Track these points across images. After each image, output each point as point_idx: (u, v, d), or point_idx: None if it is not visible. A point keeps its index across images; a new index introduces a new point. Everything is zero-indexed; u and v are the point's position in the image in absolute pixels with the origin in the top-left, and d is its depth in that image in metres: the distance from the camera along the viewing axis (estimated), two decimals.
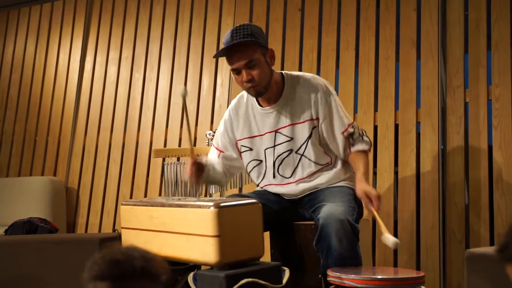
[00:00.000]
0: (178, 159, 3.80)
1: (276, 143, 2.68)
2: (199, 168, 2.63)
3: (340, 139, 2.65)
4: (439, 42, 3.66)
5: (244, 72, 2.53)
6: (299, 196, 2.70)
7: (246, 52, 2.51)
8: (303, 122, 2.65)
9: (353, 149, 2.65)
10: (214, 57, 2.68)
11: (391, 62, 3.80)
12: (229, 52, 2.54)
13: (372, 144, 2.75)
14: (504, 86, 3.43)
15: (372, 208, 2.39)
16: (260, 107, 2.72)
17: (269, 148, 2.71)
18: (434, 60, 3.65)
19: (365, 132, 2.71)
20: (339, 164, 2.70)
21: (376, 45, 3.88)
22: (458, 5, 3.65)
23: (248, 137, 2.76)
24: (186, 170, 2.63)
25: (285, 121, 2.67)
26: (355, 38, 3.96)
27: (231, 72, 2.61)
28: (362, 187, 2.48)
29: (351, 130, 2.66)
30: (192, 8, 4.70)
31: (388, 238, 2.18)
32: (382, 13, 3.89)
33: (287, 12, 4.25)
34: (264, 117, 2.71)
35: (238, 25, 2.54)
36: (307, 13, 4.17)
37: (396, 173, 3.67)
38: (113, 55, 5.00)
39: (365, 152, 2.66)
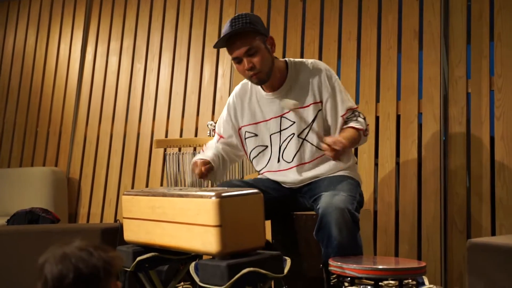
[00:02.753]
0: (180, 150, 3.80)
1: (282, 128, 2.70)
2: (209, 168, 2.65)
3: (339, 122, 2.66)
4: (441, 32, 3.64)
5: (245, 60, 2.55)
6: (299, 185, 2.70)
7: (246, 40, 2.53)
8: (308, 106, 2.66)
9: (344, 126, 2.66)
10: (214, 47, 2.68)
11: (393, 52, 3.79)
12: (229, 41, 2.55)
13: (368, 129, 2.70)
14: (507, 77, 3.42)
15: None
16: (265, 93, 2.73)
17: (274, 133, 2.72)
18: (436, 50, 3.64)
19: (365, 118, 2.70)
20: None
21: (378, 36, 3.87)
22: None
23: (253, 123, 2.77)
24: (193, 168, 2.65)
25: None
26: (357, 29, 3.94)
27: (232, 61, 2.62)
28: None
29: (350, 114, 2.68)
30: None
31: None
32: (384, 3, 3.88)
33: (289, 2, 4.24)
34: (268, 102, 2.73)
35: (236, 14, 2.55)
36: (308, 3, 4.15)
37: (397, 163, 3.67)
38: (114, 45, 5.00)
39: (355, 129, 2.63)
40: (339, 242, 2.28)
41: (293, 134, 2.67)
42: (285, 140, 2.70)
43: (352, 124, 2.64)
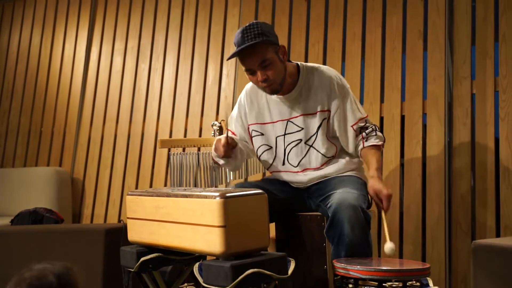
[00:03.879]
0: (184, 150, 3.80)
1: (286, 132, 2.70)
2: (232, 143, 2.62)
3: (350, 133, 2.66)
4: (446, 33, 3.63)
5: (259, 73, 2.54)
6: (307, 185, 2.70)
7: (259, 52, 2.52)
8: (315, 113, 2.66)
9: (366, 143, 2.65)
10: (228, 59, 2.67)
11: (397, 53, 3.78)
12: (242, 53, 2.53)
13: (385, 139, 2.74)
14: (511, 78, 3.41)
15: (382, 209, 2.40)
16: (275, 95, 2.73)
17: (280, 136, 2.73)
18: (441, 51, 3.63)
19: (378, 128, 2.71)
20: (346, 156, 2.70)
21: (383, 36, 3.86)
22: None
23: (260, 123, 2.78)
24: (217, 145, 2.61)
25: (297, 111, 2.69)
26: (362, 29, 3.94)
27: (245, 72, 2.61)
28: (374, 184, 2.47)
29: (361, 124, 2.67)
30: None
31: (387, 247, 2.25)
32: (389, 4, 3.87)
33: (293, 2, 4.23)
34: (277, 105, 2.73)
35: (247, 24, 2.54)
36: (313, 3, 4.15)
37: (402, 164, 3.66)
38: (119, 45, 5.00)
39: (378, 147, 2.66)
40: (350, 240, 2.27)
41: (300, 140, 2.67)
42: (289, 144, 2.70)
43: (373, 141, 2.65)
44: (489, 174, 3.38)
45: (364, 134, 2.66)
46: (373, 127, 2.68)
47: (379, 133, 2.68)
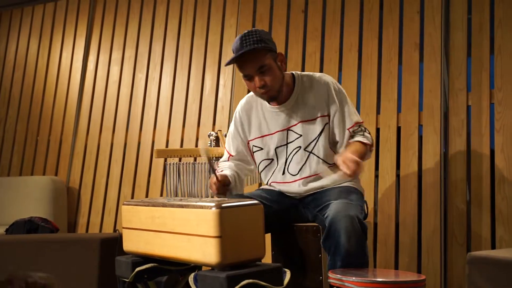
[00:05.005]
0: (180, 160, 3.80)
1: (288, 141, 2.70)
2: (224, 184, 2.63)
3: (346, 135, 2.67)
4: (442, 45, 3.65)
5: (256, 78, 2.56)
6: (303, 195, 2.70)
7: (257, 58, 2.54)
8: (315, 119, 2.68)
9: (351, 140, 2.66)
10: (226, 65, 2.68)
11: (394, 64, 3.80)
12: (241, 59, 2.55)
13: (374, 144, 2.73)
14: (507, 90, 3.42)
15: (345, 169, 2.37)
16: (271, 107, 2.75)
17: (280, 146, 2.73)
18: (437, 63, 3.64)
19: (369, 132, 2.71)
20: None
21: (379, 48, 3.87)
22: (462, 8, 3.65)
23: (259, 137, 2.78)
24: (210, 183, 2.62)
25: (295, 119, 2.70)
26: (358, 40, 3.95)
27: (243, 78, 2.62)
28: (342, 153, 2.47)
29: (356, 128, 2.69)
30: (195, 8, 4.70)
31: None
32: (385, 15, 3.89)
33: (290, 13, 4.25)
34: (274, 116, 2.74)
35: (246, 31, 2.56)
36: (310, 14, 4.17)
37: (398, 175, 3.66)
38: (116, 55, 5.01)
39: (362, 143, 2.63)
40: (347, 250, 2.26)
41: (299, 147, 2.68)
42: (291, 153, 2.70)
43: (359, 138, 2.65)
44: (485, 185, 3.39)
45: (352, 133, 2.68)
46: (363, 128, 2.70)
47: (366, 134, 2.68)
